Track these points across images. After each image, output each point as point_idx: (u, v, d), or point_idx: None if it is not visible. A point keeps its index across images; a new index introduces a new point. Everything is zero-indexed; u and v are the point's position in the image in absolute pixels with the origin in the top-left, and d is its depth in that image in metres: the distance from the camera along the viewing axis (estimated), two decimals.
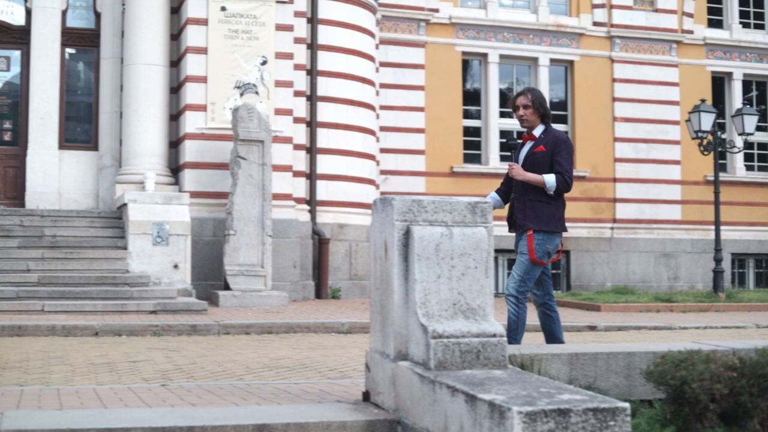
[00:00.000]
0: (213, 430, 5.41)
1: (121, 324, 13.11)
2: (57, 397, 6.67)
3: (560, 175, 8.20)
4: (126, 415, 5.75)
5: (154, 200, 16.49)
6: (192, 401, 6.50)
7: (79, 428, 5.28)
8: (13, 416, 5.58)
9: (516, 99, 8.45)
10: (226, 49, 17.98)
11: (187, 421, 5.50)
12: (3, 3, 19.21)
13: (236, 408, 6.15)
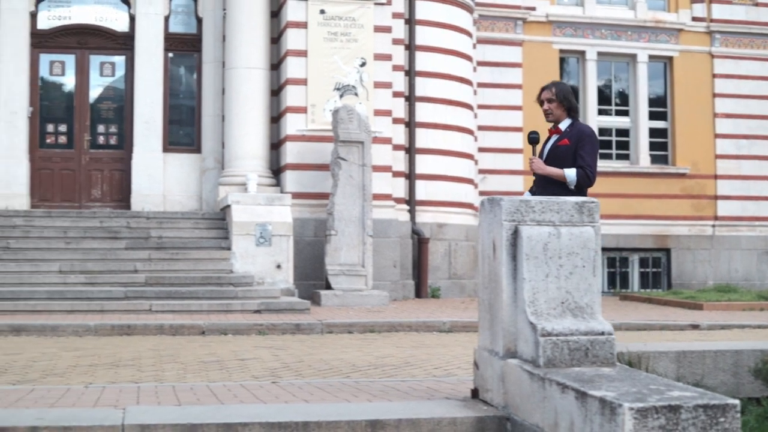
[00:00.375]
0: (328, 426, 5.56)
1: (226, 323, 13.38)
2: (173, 394, 6.87)
3: (582, 169, 7.99)
4: (242, 410, 5.94)
5: (257, 201, 16.77)
6: (304, 398, 6.65)
7: (199, 423, 5.47)
8: (134, 411, 5.80)
9: (541, 93, 8.31)
10: (325, 51, 18.20)
11: (302, 416, 5.66)
12: (108, 10, 19.68)
13: (348, 404, 6.30)
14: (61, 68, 19.67)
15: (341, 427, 5.58)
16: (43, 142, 19.42)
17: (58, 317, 13.79)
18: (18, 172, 18.87)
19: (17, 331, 12.78)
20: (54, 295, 14.88)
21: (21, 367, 9.33)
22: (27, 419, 5.53)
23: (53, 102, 19.78)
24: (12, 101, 18.95)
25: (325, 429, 5.55)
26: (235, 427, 5.47)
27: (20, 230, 16.85)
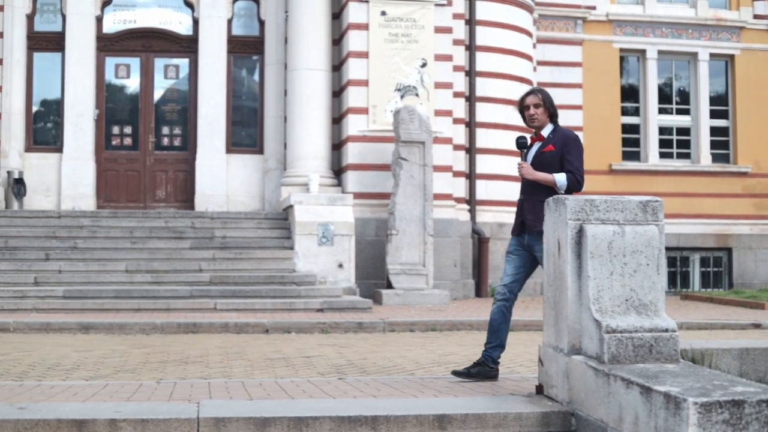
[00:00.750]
0: (396, 420, 5.70)
1: (290, 321, 13.56)
2: (243, 389, 7.05)
3: (571, 174, 7.82)
4: (312, 405, 6.10)
5: (319, 202, 16.96)
6: (371, 393, 6.79)
7: (271, 416, 5.64)
8: (209, 405, 5.98)
9: (525, 99, 8.09)
10: (386, 52, 18.34)
11: (371, 411, 5.81)
12: (171, 14, 19.99)
13: (415, 399, 6.43)
14: (126, 71, 20.01)
15: (409, 421, 5.72)
16: (108, 143, 19.77)
17: (126, 315, 14.07)
18: (84, 173, 19.23)
19: (86, 329, 13.07)
20: (121, 294, 15.17)
21: (93, 363, 9.56)
22: (106, 412, 5.73)
23: (118, 104, 20.13)
24: (78, 104, 19.31)
25: (393, 423, 5.70)
26: (306, 420, 5.64)
27: (87, 230, 17.18)
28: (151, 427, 5.54)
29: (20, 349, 10.84)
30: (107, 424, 5.54)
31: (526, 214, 7.90)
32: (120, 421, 5.55)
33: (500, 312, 8.02)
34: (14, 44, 19.32)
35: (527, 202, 7.92)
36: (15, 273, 15.79)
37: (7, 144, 19.11)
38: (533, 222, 7.75)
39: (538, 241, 7.63)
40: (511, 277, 7.98)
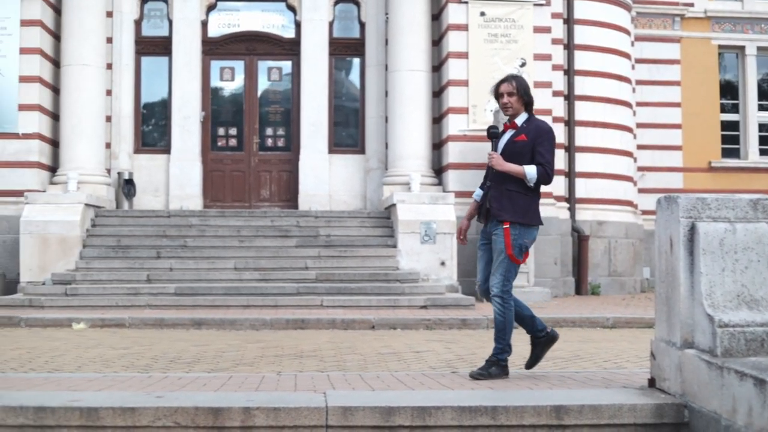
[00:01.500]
0: (515, 411, 5.95)
1: (395, 318, 13.87)
2: (362, 381, 7.35)
3: (542, 166, 7.71)
4: (433, 395, 6.37)
5: (421, 200, 17.23)
6: (486, 386, 7.03)
7: (395, 406, 5.93)
8: (334, 395, 6.29)
9: (499, 86, 7.96)
10: (485, 52, 18.54)
11: (490, 401, 6.06)
12: (274, 17, 20.44)
13: (531, 391, 6.67)
14: (231, 74, 20.52)
15: (527, 411, 5.97)
16: (214, 145, 20.30)
17: (236, 312, 14.52)
18: (192, 173, 19.78)
19: (198, 325, 13.55)
20: (230, 291, 15.64)
21: (212, 357, 9.96)
22: (239, 401, 6.07)
23: (223, 106, 20.66)
24: (185, 107, 19.86)
25: (512, 413, 5.94)
26: (429, 410, 5.91)
27: (196, 229, 17.68)
28: (282, 415, 5.87)
29: (140, 343, 11.31)
30: (241, 412, 5.88)
31: (491, 202, 7.75)
32: (253, 409, 5.89)
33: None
34: (123, 49, 19.93)
35: (494, 190, 7.76)
36: (128, 270, 16.36)
37: (117, 146, 19.73)
38: (497, 211, 7.67)
39: (495, 227, 7.71)
40: (483, 273, 8.01)
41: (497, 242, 7.68)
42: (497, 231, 7.68)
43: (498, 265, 7.71)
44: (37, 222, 16.87)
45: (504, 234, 7.65)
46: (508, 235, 7.64)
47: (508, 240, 7.64)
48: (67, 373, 8.30)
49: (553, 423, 5.99)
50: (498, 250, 7.70)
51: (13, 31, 18.40)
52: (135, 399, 6.13)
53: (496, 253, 7.72)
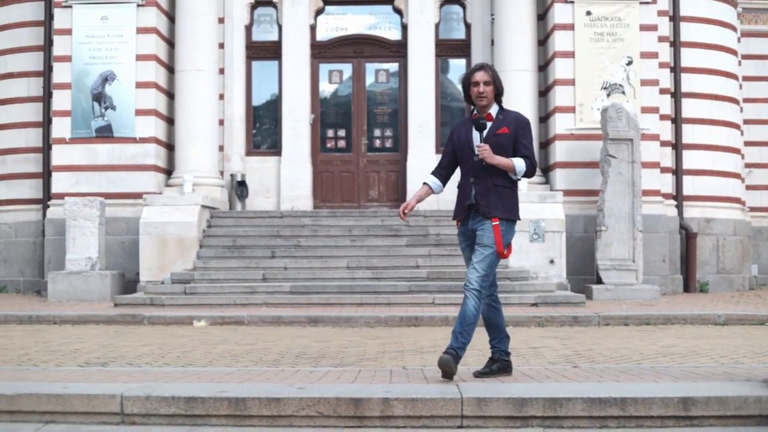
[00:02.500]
0: (643, 402, 6.15)
1: (506, 315, 13.81)
2: None
3: (528, 159, 7.48)
4: (563, 387, 6.62)
5: (530, 199, 17.39)
6: (610, 379, 7.23)
7: (528, 397, 6.20)
8: (468, 387, 6.62)
9: (473, 74, 7.54)
10: (592, 51, 18.64)
11: (618, 393, 6.28)
12: (381, 20, 20.80)
13: (657, 384, 6.85)
14: (339, 76, 20.93)
15: (655, 403, 6.16)
16: (323, 146, 20.72)
17: (349, 309, 14.85)
18: (302, 175, 20.21)
19: (314, 322, 13.90)
20: (344, 289, 15.99)
21: (335, 353, 10.29)
22: (377, 392, 6.39)
23: (332, 108, 21.07)
24: (295, 109, 20.31)
25: (641, 405, 6.15)
26: (560, 401, 6.15)
27: (309, 229, 18.09)
28: (420, 405, 6.16)
29: (263, 340, 11.70)
30: (380, 402, 6.19)
31: (478, 199, 7.45)
32: (392, 399, 6.19)
33: (487, 307, 7.79)
34: (234, 54, 20.47)
35: (478, 186, 7.46)
36: (244, 270, 16.83)
37: (229, 149, 20.26)
38: (487, 208, 7.42)
39: (481, 224, 7.44)
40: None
41: (483, 237, 7.40)
42: (483, 226, 7.43)
43: (482, 259, 7.40)
44: (156, 223, 17.42)
45: (494, 230, 7.40)
46: (498, 232, 7.41)
47: (498, 237, 7.40)
48: (201, 367, 8.66)
49: (681, 414, 6.18)
50: (485, 245, 7.40)
51: (130, 39, 19.02)
52: (279, 390, 6.48)
53: (481, 247, 7.42)
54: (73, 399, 6.32)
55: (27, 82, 20.33)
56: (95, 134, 18.97)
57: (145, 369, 8.37)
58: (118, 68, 18.96)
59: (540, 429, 6.12)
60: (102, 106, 18.94)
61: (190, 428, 6.17)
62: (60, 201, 18.57)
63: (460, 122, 7.83)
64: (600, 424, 6.15)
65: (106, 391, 6.40)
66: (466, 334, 7.35)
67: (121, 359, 9.71)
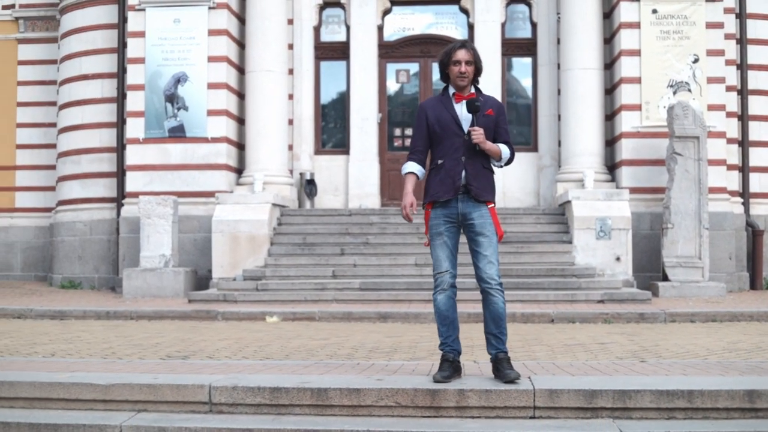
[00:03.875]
0: (710, 394, 6.36)
1: (573, 312, 14.26)
2: (557, 368, 7.81)
3: (509, 144, 7.27)
4: (631, 380, 6.85)
5: (596, 197, 17.56)
6: (678, 373, 7.43)
7: (598, 389, 6.44)
8: (540, 379, 6.84)
9: (455, 52, 7.22)
10: (657, 49, 18.74)
11: (686, 385, 6.50)
12: (448, 20, 21.05)
13: (723, 377, 7.05)
14: (406, 76, 21.22)
15: (721, 395, 6.37)
16: (390, 145, 21.03)
17: (418, 306, 15.11)
18: (370, 173, 20.54)
19: (384, 318, 14.21)
20: (412, 286, 16.27)
21: (407, 347, 10.58)
22: (453, 384, 6.66)
23: (398, 107, 21.37)
24: (363, 108, 20.64)
25: (707, 397, 6.36)
26: (629, 393, 6.38)
27: (377, 227, 18.40)
28: (493, 397, 6.44)
29: (336, 335, 12.02)
30: (456, 394, 6.48)
31: (470, 180, 7.09)
32: (467, 391, 6.48)
33: (450, 302, 7.37)
34: (303, 55, 20.84)
35: (470, 167, 7.10)
36: (314, 267, 17.18)
37: (298, 148, 20.63)
38: (479, 190, 7.12)
39: (476, 208, 7.13)
40: (449, 262, 7.24)
41: (483, 224, 7.10)
42: (479, 212, 7.13)
43: (494, 250, 7.12)
44: (228, 221, 17.84)
45: (491, 214, 7.15)
46: (495, 216, 7.19)
47: (497, 220, 7.18)
48: (278, 361, 8.97)
49: (746, 406, 6.37)
50: (486, 231, 7.11)
51: (201, 41, 19.45)
52: (358, 381, 6.79)
53: (483, 236, 7.10)
54: (164, 389, 6.67)
55: (101, 83, 20.80)
56: (168, 134, 19.42)
57: (226, 362, 8.70)
58: (190, 69, 19.39)
59: (609, 420, 6.34)
60: (174, 106, 19.39)
61: (275, 417, 6.48)
62: (134, 200, 19.07)
63: (432, 100, 7.48)
64: (668, 415, 6.36)
65: (194, 382, 6.74)
66: (504, 331, 7.18)
67: (201, 353, 10.07)
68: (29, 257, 22.88)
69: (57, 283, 20.72)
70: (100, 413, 6.62)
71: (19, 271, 22.92)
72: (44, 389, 6.80)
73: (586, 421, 6.32)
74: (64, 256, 20.86)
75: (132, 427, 6.31)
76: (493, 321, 7.20)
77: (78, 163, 20.93)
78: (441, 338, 7.27)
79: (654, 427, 6.16)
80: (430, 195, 7.27)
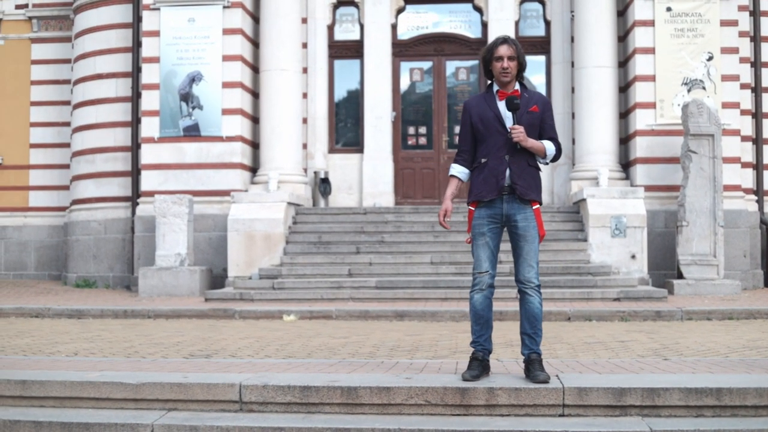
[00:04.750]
0: (738, 392, 6.40)
1: (590, 310, 14.30)
2: (581, 366, 7.85)
3: (555, 141, 7.17)
4: (659, 378, 6.89)
5: (611, 195, 17.58)
6: (704, 370, 7.45)
7: (627, 387, 6.48)
8: (568, 377, 6.89)
9: (497, 48, 7.05)
10: (672, 47, 18.74)
11: (714, 383, 6.53)
12: (461, 18, 21.09)
13: (750, 375, 7.08)
14: (420, 74, 21.26)
15: (749, 393, 6.40)
16: (404, 143, 21.05)
17: (434, 304, 15.19)
18: (384, 171, 20.57)
19: (401, 317, 14.27)
20: (428, 284, 16.32)
21: (428, 346, 10.63)
22: (482, 382, 6.69)
23: (412, 106, 21.40)
24: (377, 107, 20.66)
25: (735, 394, 6.39)
26: (658, 391, 6.42)
27: (392, 225, 18.43)
28: (523, 395, 6.47)
29: (356, 333, 12.07)
30: (486, 392, 6.53)
31: (515, 179, 7.00)
32: (496, 389, 6.52)
33: (487, 301, 7.44)
34: (317, 53, 20.87)
35: (514, 165, 7.00)
36: (330, 265, 17.21)
37: (312, 146, 20.67)
38: (525, 189, 7.03)
39: (521, 210, 7.06)
40: (490, 263, 7.31)
41: (526, 227, 7.07)
42: (524, 213, 7.06)
43: (533, 253, 7.17)
44: (243, 220, 17.88)
45: (536, 215, 7.08)
46: (539, 216, 7.11)
47: (540, 221, 7.11)
48: (301, 359, 9.01)
49: None
50: (528, 235, 7.10)
51: (216, 40, 19.49)
52: (387, 380, 6.83)
53: (525, 240, 7.11)
54: (194, 388, 6.72)
55: (115, 82, 20.83)
56: (183, 133, 19.47)
57: (251, 360, 8.73)
58: (205, 69, 19.44)
59: (638, 418, 6.38)
60: (189, 105, 19.44)
61: (305, 416, 6.52)
62: (149, 198, 19.13)
63: (476, 98, 7.33)
64: (696, 413, 6.39)
65: (225, 381, 6.78)
66: (539, 332, 7.16)
67: (223, 351, 10.12)
68: (43, 256, 22.94)
69: (72, 282, 20.78)
70: (131, 412, 6.67)
71: (33, 270, 22.97)
72: (75, 388, 6.85)
73: (615, 419, 6.36)
74: (79, 255, 20.92)
75: (164, 426, 6.35)
76: (528, 321, 7.20)
77: (92, 162, 20.97)
78: (473, 336, 7.27)
79: (683, 425, 6.19)
80: (474, 194, 7.23)
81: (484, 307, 7.36)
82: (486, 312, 7.35)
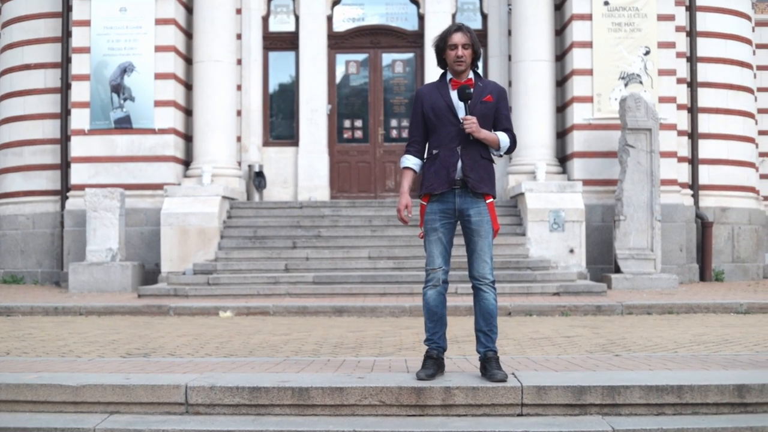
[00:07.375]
0: (699, 389, 6.27)
1: (530, 305, 14.18)
2: (533, 363, 7.66)
3: (510, 132, 6.93)
4: (619, 375, 6.73)
5: (549, 189, 17.51)
6: (659, 367, 7.31)
7: (586, 385, 6.33)
8: (527, 376, 6.73)
9: (451, 36, 6.83)
10: (609, 42, 18.72)
11: (675, 381, 6.39)
12: (398, 10, 20.90)
13: (709, 372, 6.95)
14: (356, 67, 21.05)
15: (711, 390, 6.27)
16: (340, 136, 20.83)
17: (373, 299, 14.97)
18: (319, 165, 20.32)
19: (339, 312, 14.03)
20: (366, 279, 16.09)
21: (372, 342, 10.41)
22: (439, 381, 6.48)
23: (349, 99, 21.19)
24: (312, 100, 20.40)
25: (696, 392, 6.25)
26: (618, 389, 6.26)
27: (329, 219, 18.19)
28: (480, 394, 6.27)
29: (296, 330, 11.80)
30: (442, 391, 6.30)
31: (467, 171, 6.76)
32: (453, 388, 6.30)
33: (441, 297, 7.06)
34: (251, 45, 20.56)
35: (466, 157, 6.77)
36: (266, 260, 16.92)
37: (247, 139, 20.35)
38: (476, 183, 6.78)
39: (474, 204, 6.83)
40: (443, 258, 7.03)
41: (480, 222, 6.82)
42: (477, 208, 6.82)
43: (487, 248, 6.89)
44: (177, 214, 17.51)
45: (489, 209, 6.83)
46: (493, 210, 6.87)
47: (494, 215, 6.87)
48: (243, 358, 8.74)
49: (735, 401, 6.28)
50: (482, 230, 6.83)
51: (149, 30, 19.08)
52: (340, 379, 6.58)
53: (478, 235, 6.85)
54: (138, 389, 6.41)
55: (44, 73, 20.33)
56: (114, 125, 19.04)
57: (192, 360, 8.43)
58: (137, 59, 19.02)
59: (598, 416, 6.21)
60: (121, 97, 19.01)
61: (255, 417, 6.26)
62: (79, 192, 18.67)
63: (429, 87, 7.09)
64: (657, 411, 6.24)
65: (169, 382, 6.49)
66: (495, 329, 6.86)
67: (161, 350, 9.81)
68: None
69: None
70: (71, 416, 6.35)
71: None
72: (11, 391, 6.50)
73: (576, 419, 6.18)
74: (6, 250, 20.38)
75: (106, 429, 6.04)
76: (483, 318, 6.92)
77: (20, 155, 20.44)
78: (427, 333, 7.02)
79: (645, 424, 6.03)
80: (425, 187, 6.95)
81: (438, 304, 7.01)
82: (440, 308, 7.02)
